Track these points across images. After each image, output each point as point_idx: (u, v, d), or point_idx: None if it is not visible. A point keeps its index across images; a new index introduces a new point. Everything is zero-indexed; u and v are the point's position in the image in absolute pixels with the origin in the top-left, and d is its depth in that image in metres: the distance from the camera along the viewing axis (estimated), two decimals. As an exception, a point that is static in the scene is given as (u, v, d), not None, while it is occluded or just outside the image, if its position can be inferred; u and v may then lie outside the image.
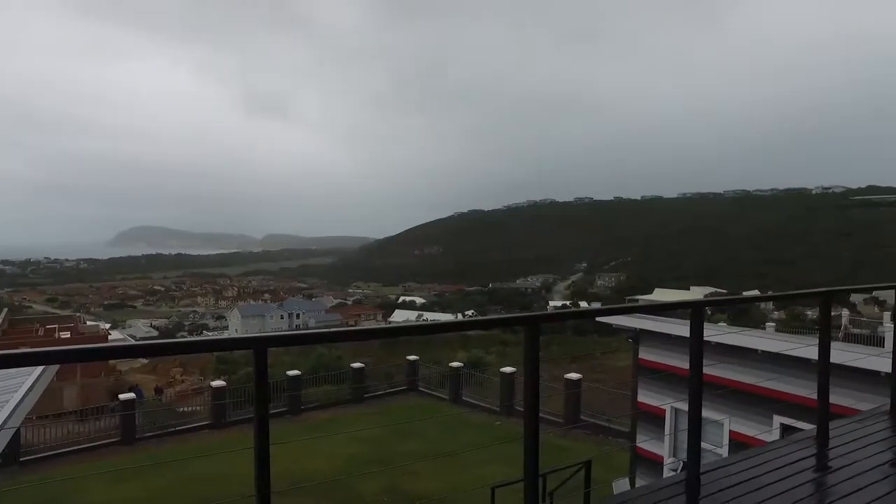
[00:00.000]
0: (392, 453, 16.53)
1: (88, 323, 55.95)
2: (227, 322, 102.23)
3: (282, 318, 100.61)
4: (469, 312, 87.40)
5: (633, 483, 11.36)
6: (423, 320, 55.45)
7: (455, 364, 24.09)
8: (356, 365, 24.13)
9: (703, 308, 3.78)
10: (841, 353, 6.84)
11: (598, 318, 12.84)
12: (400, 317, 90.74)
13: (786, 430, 8.02)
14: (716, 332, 9.77)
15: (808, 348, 6.81)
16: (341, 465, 15.61)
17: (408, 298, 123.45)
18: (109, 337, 45.30)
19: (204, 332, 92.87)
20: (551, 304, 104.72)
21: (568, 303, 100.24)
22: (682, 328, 9.82)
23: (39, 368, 7.37)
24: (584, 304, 77.80)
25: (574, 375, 20.78)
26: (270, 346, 2.31)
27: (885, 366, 5.32)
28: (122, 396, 20.30)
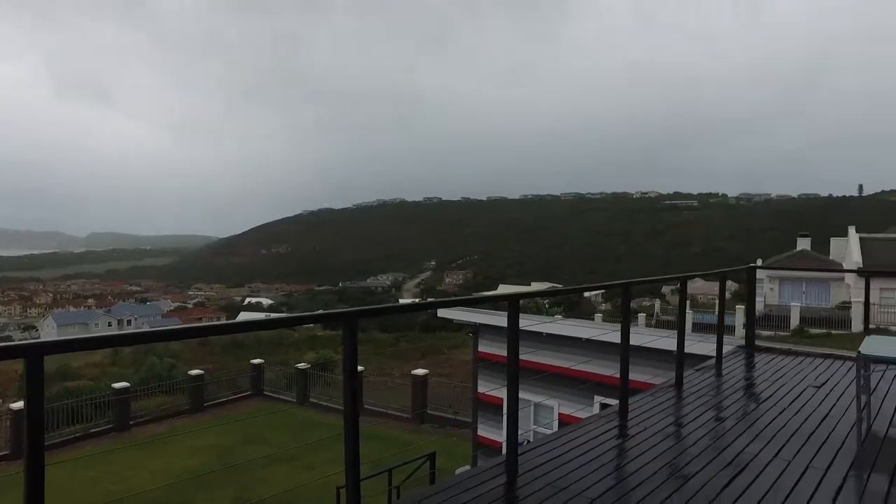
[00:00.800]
0: (236, 462, 15.71)
1: None
2: (38, 333, 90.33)
3: (109, 325, 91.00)
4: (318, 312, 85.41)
5: (475, 469, 11.89)
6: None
7: (301, 365, 23.53)
8: (195, 372, 22.79)
9: (518, 300, 4.06)
10: (642, 337, 7.75)
11: (440, 314, 13.27)
12: (245, 319, 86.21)
13: (604, 407, 8.88)
14: (532, 323, 10.55)
15: (617, 333, 7.61)
16: (176, 480, 14.50)
17: (254, 300, 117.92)
18: None
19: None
20: (401, 301, 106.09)
21: (417, 300, 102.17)
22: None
23: None
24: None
25: (420, 371, 21.28)
26: (48, 353, 1.98)
27: (675, 346, 6.15)
28: None
